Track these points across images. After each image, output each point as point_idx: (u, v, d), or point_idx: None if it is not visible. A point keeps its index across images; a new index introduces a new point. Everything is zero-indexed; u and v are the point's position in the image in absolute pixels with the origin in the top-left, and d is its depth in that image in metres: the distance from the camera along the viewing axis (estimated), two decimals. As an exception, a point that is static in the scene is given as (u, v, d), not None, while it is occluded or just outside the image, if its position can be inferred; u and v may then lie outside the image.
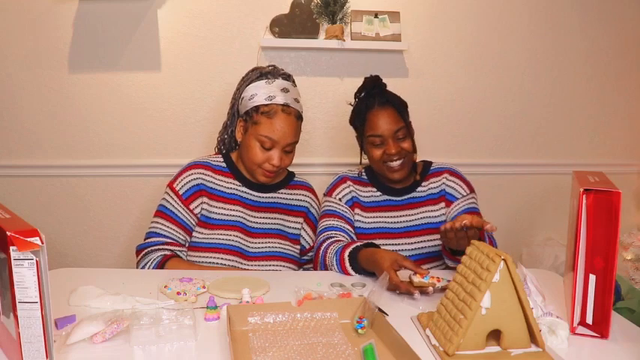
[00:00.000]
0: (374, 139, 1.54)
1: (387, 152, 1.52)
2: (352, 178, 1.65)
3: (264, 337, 1.01)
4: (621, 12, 2.32)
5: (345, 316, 1.09)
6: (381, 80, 1.59)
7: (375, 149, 1.55)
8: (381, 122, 1.52)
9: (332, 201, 1.61)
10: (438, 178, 1.63)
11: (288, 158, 1.53)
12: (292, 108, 1.50)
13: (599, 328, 1.06)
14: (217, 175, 1.57)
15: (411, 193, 1.61)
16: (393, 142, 1.52)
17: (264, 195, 1.60)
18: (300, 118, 1.53)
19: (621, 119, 2.42)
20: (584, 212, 1.05)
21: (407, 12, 2.17)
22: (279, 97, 1.48)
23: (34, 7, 2.03)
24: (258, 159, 1.49)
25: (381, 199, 1.62)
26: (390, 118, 1.52)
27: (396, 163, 1.53)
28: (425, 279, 1.24)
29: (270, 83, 1.50)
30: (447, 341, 0.96)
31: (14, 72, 2.08)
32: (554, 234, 2.40)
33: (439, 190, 1.62)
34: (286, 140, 1.48)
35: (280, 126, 1.47)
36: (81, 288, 1.19)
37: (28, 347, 0.83)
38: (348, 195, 1.61)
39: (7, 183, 2.15)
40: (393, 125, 1.52)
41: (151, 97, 2.14)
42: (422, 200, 1.61)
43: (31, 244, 0.79)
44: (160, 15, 2.09)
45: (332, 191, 1.63)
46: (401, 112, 1.55)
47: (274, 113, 1.47)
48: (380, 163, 1.55)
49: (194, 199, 1.53)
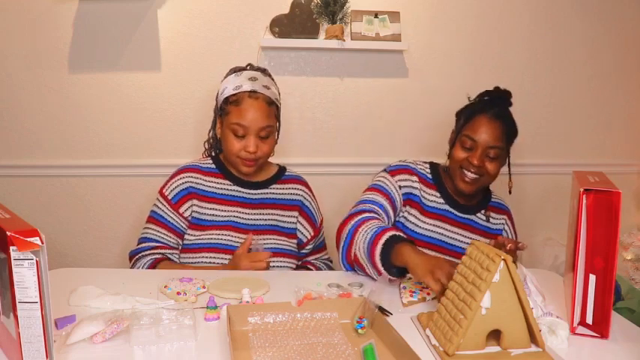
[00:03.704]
0: (466, 141, 1.49)
1: (470, 160, 1.47)
2: (420, 175, 1.58)
3: (264, 337, 1.01)
4: (621, 12, 2.32)
5: (345, 316, 1.09)
6: (511, 97, 1.54)
7: (461, 150, 1.50)
8: (483, 129, 1.46)
9: (389, 180, 1.54)
10: (500, 216, 1.62)
11: (265, 145, 1.51)
12: (260, 93, 1.49)
13: (599, 328, 1.06)
14: (207, 177, 1.57)
15: (471, 215, 1.58)
16: (481, 154, 1.47)
17: (256, 192, 1.59)
18: (271, 104, 1.51)
19: (621, 119, 2.42)
20: (584, 212, 1.05)
21: (407, 12, 2.17)
22: (245, 85, 1.49)
23: (34, 7, 2.03)
24: (234, 148, 1.49)
25: (442, 207, 1.57)
26: (494, 131, 1.46)
27: (470, 175, 1.48)
28: (414, 297, 1.23)
29: (239, 75, 1.52)
30: (447, 341, 0.96)
31: (14, 72, 2.08)
32: (554, 234, 2.40)
33: (498, 227, 1.61)
34: (257, 124, 1.47)
35: (248, 111, 1.47)
36: (81, 288, 1.19)
37: (28, 347, 0.83)
38: (409, 188, 1.54)
39: (7, 183, 2.15)
40: (492, 140, 1.46)
41: (151, 97, 2.14)
42: (479, 228, 1.59)
43: (31, 244, 0.79)
44: (160, 15, 2.09)
45: (395, 173, 1.56)
46: (507, 134, 1.49)
47: (241, 100, 1.48)
48: (457, 165, 1.50)
49: (183, 203, 1.53)
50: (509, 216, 1.65)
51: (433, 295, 1.25)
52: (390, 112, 2.27)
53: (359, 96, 2.24)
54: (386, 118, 2.27)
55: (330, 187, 2.23)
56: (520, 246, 1.32)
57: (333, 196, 2.21)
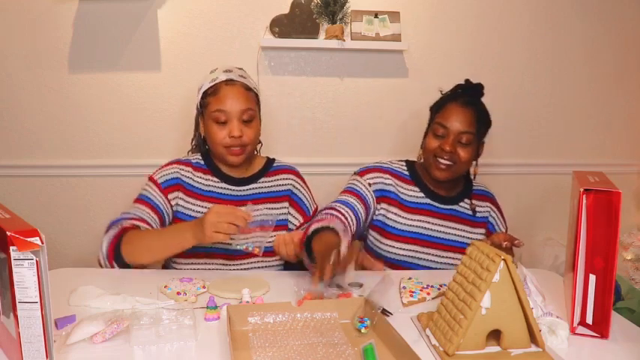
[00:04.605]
0: (438, 128, 1.51)
1: (443, 146, 1.48)
2: (394, 172, 1.60)
3: (264, 337, 1.01)
4: (621, 12, 2.32)
5: (345, 316, 1.09)
6: (483, 89, 1.56)
7: (434, 139, 1.52)
8: (454, 116, 1.49)
9: (359, 181, 1.57)
10: (484, 203, 1.62)
11: (249, 129, 1.49)
12: (236, 81, 1.49)
13: (599, 328, 1.06)
14: (197, 172, 1.56)
15: (453, 205, 1.59)
16: (454, 140, 1.49)
17: (244, 188, 1.56)
18: (249, 90, 1.51)
19: (621, 119, 2.42)
20: (584, 212, 1.05)
21: (407, 12, 2.17)
22: (221, 77, 1.49)
23: (34, 7, 2.03)
24: (219, 137, 1.47)
25: (423, 201, 1.58)
26: (465, 117, 1.49)
27: (444, 162, 1.49)
28: (414, 297, 1.24)
29: (213, 72, 1.53)
30: (447, 341, 0.96)
31: (14, 72, 2.07)
32: (554, 234, 2.40)
33: (483, 215, 1.61)
34: (237, 107, 1.46)
35: (227, 96, 1.46)
36: (81, 288, 1.19)
37: (28, 347, 0.83)
38: (380, 185, 1.57)
39: (7, 183, 2.15)
40: (463, 125, 1.48)
41: (151, 97, 2.14)
42: (463, 217, 1.59)
43: (31, 244, 0.79)
44: (160, 15, 2.09)
45: (364, 173, 1.59)
46: (478, 121, 1.51)
47: (219, 89, 1.48)
48: (431, 154, 1.52)
49: (171, 191, 1.53)
50: (492, 202, 1.65)
51: (433, 295, 1.26)
52: (390, 112, 2.26)
53: (359, 96, 2.24)
54: (386, 118, 2.27)
55: (330, 187, 2.22)
56: (516, 243, 1.32)
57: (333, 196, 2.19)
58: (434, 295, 1.26)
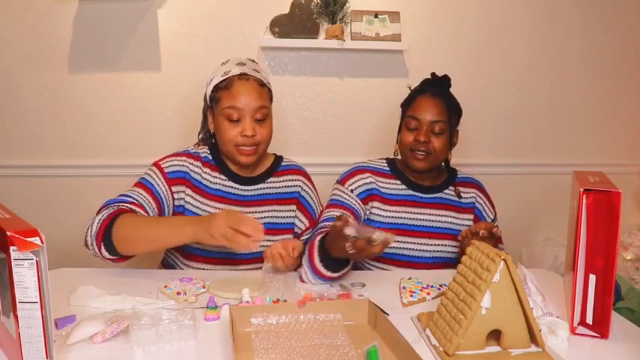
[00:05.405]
0: (410, 122, 1.52)
1: (417, 138, 1.49)
2: (373, 169, 1.60)
3: (266, 338, 1.01)
4: (621, 12, 2.32)
5: (348, 317, 1.08)
6: (449, 80, 1.59)
7: (408, 133, 1.53)
8: (424, 107, 1.51)
9: (342, 190, 1.56)
10: (469, 189, 1.62)
11: (263, 128, 1.44)
12: (250, 75, 1.43)
13: (599, 328, 1.06)
14: (205, 167, 1.50)
15: (438, 193, 1.59)
16: (427, 130, 1.50)
17: (252, 188, 1.52)
18: (263, 86, 1.45)
19: (621, 119, 2.42)
20: (584, 212, 1.05)
21: (407, 12, 2.17)
22: (234, 70, 1.44)
23: (34, 7, 2.03)
24: (230, 135, 1.42)
25: (405, 193, 1.58)
26: (435, 108, 1.51)
27: (420, 153, 1.50)
28: (414, 297, 1.24)
29: (225, 64, 1.48)
30: (447, 341, 0.96)
31: (14, 72, 2.07)
32: (554, 234, 2.40)
33: (469, 201, 1.61)
34: (251, 105, 1.41)
35: (240, 93, 1.40)
36: (81, 288, 1.19)
37: (28, 347, 0.83)
38: (363, 187, 1.55)
39: (7, 183, 2.15)
40: (434, 115, 1.50)
41: (151, 97, 2.14)
42: (449, 204, 1.58)
43: (31, 244, 0.79)
44: (160, 15, 2.09)
45: (345, 180, 1.58)
46: (449, 110, 1.52)
47: (231, 83, 1.41)
48: (407, 148, 1.53)
49: (177, 184, 1.46)
50: (478, 188, 1.65)
51: (433, 295, 1.26)
52: (389, 112, 2.26)
53: (359, 96, 2.24)
54: (386, 118, 2.26)
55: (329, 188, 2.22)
56: (495, 231, 1.33)
57: (333, 196, 2.21)
58: (434, 295, 1.26)
